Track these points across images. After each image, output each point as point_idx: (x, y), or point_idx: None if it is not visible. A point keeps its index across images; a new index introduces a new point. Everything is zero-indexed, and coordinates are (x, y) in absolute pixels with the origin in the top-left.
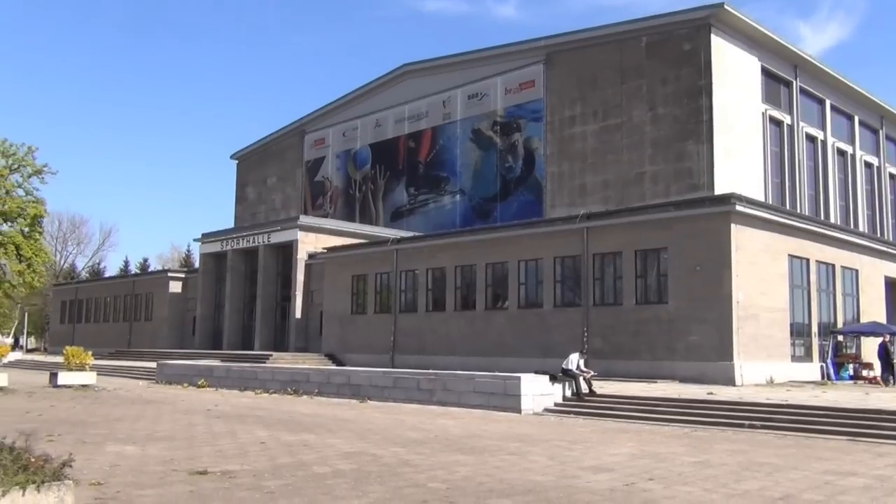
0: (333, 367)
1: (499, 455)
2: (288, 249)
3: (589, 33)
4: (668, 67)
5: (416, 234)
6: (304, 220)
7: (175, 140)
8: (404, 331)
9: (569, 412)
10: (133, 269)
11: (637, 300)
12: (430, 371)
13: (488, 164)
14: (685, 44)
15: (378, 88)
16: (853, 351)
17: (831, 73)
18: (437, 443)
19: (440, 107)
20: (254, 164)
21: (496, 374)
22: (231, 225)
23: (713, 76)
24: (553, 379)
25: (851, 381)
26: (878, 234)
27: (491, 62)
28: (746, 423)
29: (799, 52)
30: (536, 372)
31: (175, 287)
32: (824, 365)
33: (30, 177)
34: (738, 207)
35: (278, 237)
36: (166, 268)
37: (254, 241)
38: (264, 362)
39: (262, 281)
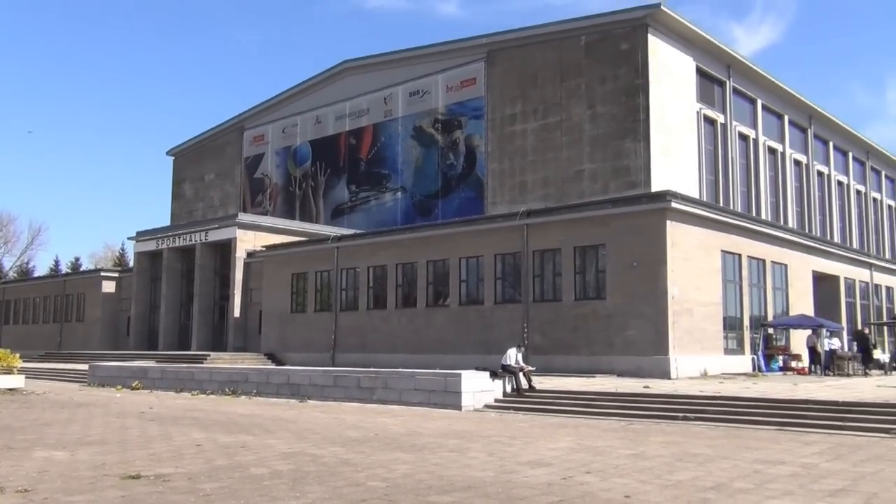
0: (273, 366)
1: (438, 452)
2: (226, 248)
3: (529, 31)
4: (607, 66)
5: (357, 231)
6: (243, 217)
7: (108, 135)
8: (345, 329)
9: (509, 408)
10: (64, 268)
11: (576, 296)
12: (371, 369)
13: (430, 162)
14: (623, 43)
15: (318, 85)
16: (783, 343)
17: (763, 73)
18: (376, 441)
19: (381, 104)
20: (191, 160)
21: (437, 371)
22: (167, 223)
23: (650, 75)
24: (493, 375)
25: (781, 373)
26: (807, 230)
27: (432, 60)
28: (681, 415)
29: (732, 53)
30: (477, 368)
31: (108, 287)
32: (755, 357)
33: None
34: (674, 204)
35: (216, 235)
36: (99, 267)
37: (191, 240)
38: (201, 363)
39: (200, 280)
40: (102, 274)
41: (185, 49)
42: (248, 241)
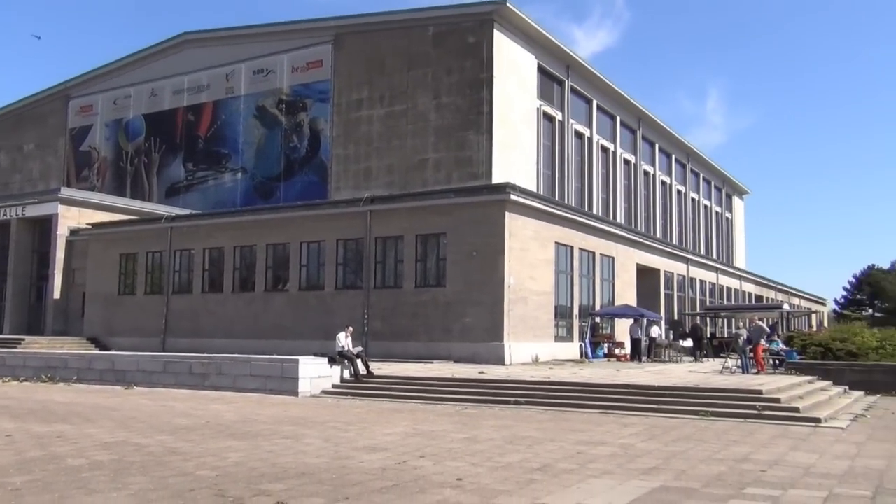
0: (96, 351)
1: (273, 439)
2: (46, 224)
3: (378, 17)
4: (453, 58)
5: (194, 212)
6: (66, 192)
7: None
8: (177, 313)
9: (346, 394)
10: None
11: (417, 283)
12: (204, 354)
13: (272, 143)
14: (470, 36)
15: (155, 56)
16: (608, 331)
17: (598, 75)
18: (208, 429)
19: (223, 80)
20: (7, 128)
21: (274, 356)
22: None
23: (494, 70)
24: (332, 361)
25: (606, 359)
26: (633, 226)
27: (278, 38)
28: (512, 400)
29: (571, 54)
30: (316, 354)
31: None
32: (583, 344)
33: None
34: (513, 196)
35: (35, 210)
36: None
37: (5, 214)
38: (15, 347)
39: (15, 258)
40: None
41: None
42: (71, 218)
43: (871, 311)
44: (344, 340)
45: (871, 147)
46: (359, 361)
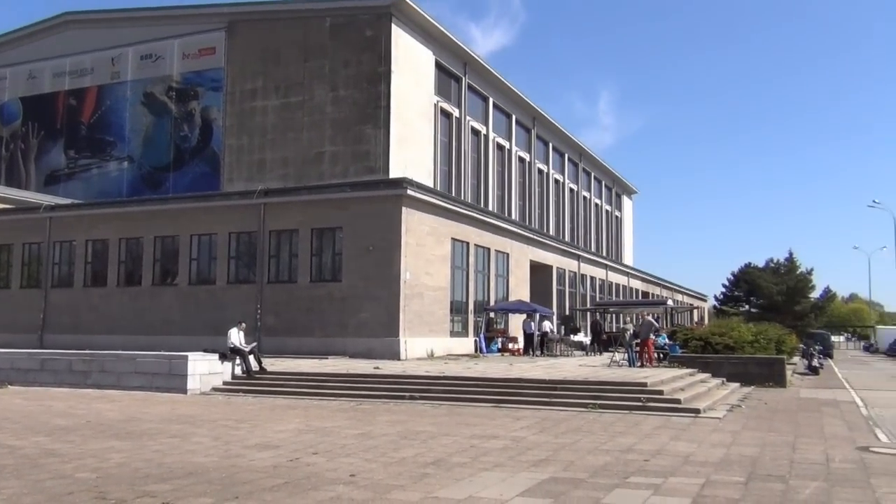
0: None
1: (159, 438)
2: None
3: (274, 6)
4: (351, 51)
5: (75, 201)
6: None
7: None
8: (57, 308)
9: (238, 391)
10: None
11: (312, 278)
12: (85, 351)
13: (161, 132)
14: (367, 29)
15: (34, 36)
16: (502, 326)
17: (495, 73)
18: (89, 429)
19: (108, 64)
20: None
21: (161, 353)
22: None
23: (392, 64)
24: (223, 357)
25: (499, 354)
26: (527, 223)
27: (167, 23)
28: (407, 394)
29: (469, 51)
30: (206, 350)
31: None
32: (477, 339)
33: None
34: (410, 192)
35: None
36: None
37: None
38: None
39: None
40: None
41: None
42: None
43: (747, 307)
44: (236, 336)
45: (750, 151)
46: (251, 357)
